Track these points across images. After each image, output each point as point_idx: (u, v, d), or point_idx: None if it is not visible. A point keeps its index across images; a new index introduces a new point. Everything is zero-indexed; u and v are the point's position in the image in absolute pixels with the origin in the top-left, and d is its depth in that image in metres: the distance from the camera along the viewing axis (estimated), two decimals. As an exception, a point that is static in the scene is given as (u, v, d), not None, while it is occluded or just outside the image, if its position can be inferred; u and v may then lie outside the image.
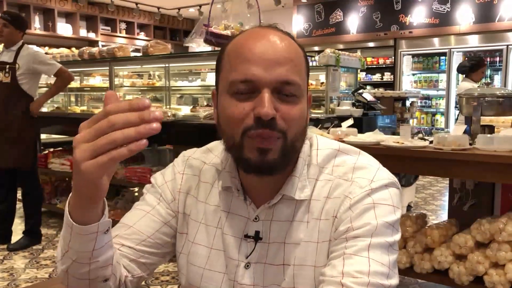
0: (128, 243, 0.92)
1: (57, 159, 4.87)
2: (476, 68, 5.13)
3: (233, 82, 0.82)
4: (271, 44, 0.82)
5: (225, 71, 0.85)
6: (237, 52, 0.83)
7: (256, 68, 0.80)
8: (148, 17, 10.86)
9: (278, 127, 0.80)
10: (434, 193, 6.09)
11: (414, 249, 2.56)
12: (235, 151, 0.84)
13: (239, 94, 0.81)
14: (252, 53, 0.81)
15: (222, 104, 0.85)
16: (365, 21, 8.91)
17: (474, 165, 2.31)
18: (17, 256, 3.71)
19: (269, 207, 0.88)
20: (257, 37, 0.84)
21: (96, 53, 4.74)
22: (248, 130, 0.80)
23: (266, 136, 0.80)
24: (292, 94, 0.82)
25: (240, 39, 0.86)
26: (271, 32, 0.85)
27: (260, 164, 0.81)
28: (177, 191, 0.97)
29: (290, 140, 0.82)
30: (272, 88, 0.80)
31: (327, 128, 2.99)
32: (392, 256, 0.80)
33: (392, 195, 0.84)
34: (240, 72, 0.81)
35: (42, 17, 9.12)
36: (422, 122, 8.62)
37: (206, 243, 0.93)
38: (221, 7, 4.24)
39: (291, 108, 0.82)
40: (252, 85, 0.80)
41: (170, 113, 3.84)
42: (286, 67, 0.81)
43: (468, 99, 2.79)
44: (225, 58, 0.86)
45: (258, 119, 0.79)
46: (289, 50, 0.83)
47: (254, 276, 0.88)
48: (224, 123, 0.85)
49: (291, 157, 0.86)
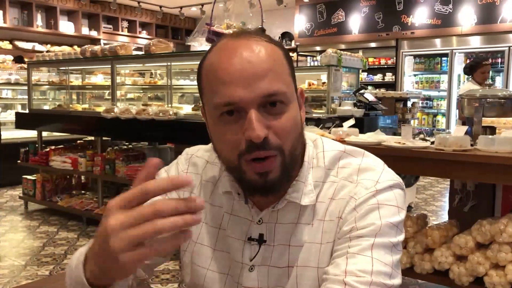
0: None
1: (58, 157, 4.88)
2: (475, 68, 5.10)
3: (217, 106, 0.79)
4: (247, 59, 0.78)
5: (207, 93, 0.83)
6: (214, 74, 0.80)
7: (237, 89, 0.77)
8: (150, 16, 10.86)
9: (273, 145, 0.78)
10: (435, 193, 6.08)
11: (415, 249, 2.57)
12: (236, 173, 0.83)
13: (226, 116, 0.79)
14: (228, 74, 0.78)
15: (212, 128, 0.84)
16: (367, 21, 8.90)
17: (475, 166, 2.31)
18: (17, 253, 3.71)
19: (272, 211, 0.88)
20: (230, 53, 0.79)
21: (98, 51, 4.75)
22: (243, 155, 0.78)
23: (263, 156, 0.78)
24: (280, 102, 0.79)
25: (214, 56, 0.82)
26: (244, 42, 0.80)
27: (263, 186, 0.81)
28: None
29: (288, 153, 0.81)
30: (257, 105, 0.77)
31: (328, 128, 2.99)
32: (396, 256, 0.80)
33: (396, 196, 0.84)
34: (221, 95, 0.78)
35: (44, 15, 9.12)
36: (423, 123, 8.61)
37: (210, 243, 0.93)
38: (223, 6, 4.24)
39: (282, 121, 0.79)
40: (236, 106, 0.78)
41: (172, 112, 3.84)
42: (266, 79, 0.78)
43: (469, 100, 2.79)
44: (203, 77, 0.84)
45: (251, 143, 0.77)
46: (266, 59, 0.79)
47: (258, 279, 0.88)
48: (218, 147, 0.84)
49: (293, 166, 0.85)
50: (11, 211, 5.13)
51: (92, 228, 4.44)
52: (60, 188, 5.09)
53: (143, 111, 3.99)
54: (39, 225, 4.58)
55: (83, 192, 5.09)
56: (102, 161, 4.47)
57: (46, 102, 6.65)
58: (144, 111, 3.97)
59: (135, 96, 6.18)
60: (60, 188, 5.09)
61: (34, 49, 8.57)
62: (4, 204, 5.48)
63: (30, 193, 5.10)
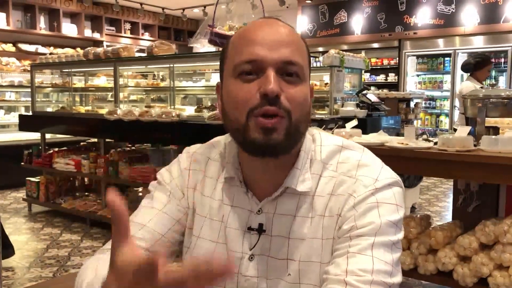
0: (143, 243, 0.90)
1: (61, 159, 4.89)
2: (481, 66, 4.83)
3: (238, 64, 0.84)
4: (275, 28, 0.86)
5: (230, 57, 0.87)
6: (242, 37, 0.86)
7: (260, 48, 0.83)
8: (153, 18, 10.88)
9: (283, 106, 0.81)
10: (438, 194, 6.07)
11: (418, 250, 2.56)
12: (240, 133, 0.84)
13: (244, 75, 0.83)
14: (256, 35, 0.84)
15: (227, 88, 0.86)
16: (370, 22, 8.89)
17: (479, 166, 2.30)
18: (21, 255, 3.72)
19: (272, 200, 0.89)
20: (261, 23, 0.87)
21: (101, 53, 4.76)
22: (254, 110, 0.81)
23: (272, 113, 0.81)
24: (295, 74, 0.83)
25: (244, 28, 0.90)
26: (275, 20, 0.89)
27: (265, 144, 0.82)
28: (185, 187, 0.98)
29: (295, 120, 0.83)
30: (277, 68, 0.82)
31: (331, 129, 2.99)
32: (396, 254, 0.81)
33: (395, 194, 0.85)
34: (245, 53, 0.83)
35: (47, 17, 9.15)
36: (426, 123, 8.60)
37: (211, 237, 0.93)
38: (225, 8, 4.25)
39: (295, 89, 0.83)
40: (257, 64, 0.82)
41: (175, 114, 3.84)
42: (289, 48, 0.84)
43: (473, 101, 2.78)
44: (230, 46, 0.89)
45: (264, 96, 0.80)
46: (292, 34, 0.87)
47: (258, 268, 0.89)
48: (229, 107, 0.86)
49: (296, 139, 0.86)
50: (14, 213, 5.14)
51: (95, 230, 4.45)
52: (64, 190, 5.10)
53: (146, 113, 3.99)
54: (42, 227, 4.59)
55: (87, 194, 5.10)
56: (105, 163, 4.48)
57: (49, 104, 6.68)
58: (147, 113, 3.98)
59: (138, 98, 6.20)
60: (64, 190, 5.10)
61: (37, 52, 8.60)
62: (7, 206, 5.49)
63: (33, 195, 5.11)
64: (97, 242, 4.10)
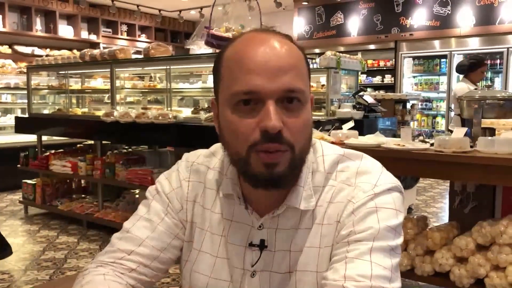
0: (144, 260, 0.90)
1: (58, 161, 4.88)
2: (475, 67, 4.87)
3: (236, 93, 0.79)
4: (273, 51, 0.79)
5: (226, 80, 0.82)
6: (238, 61, 0.80)
7: (259, 78, 0.77)
8: (149, 19, 10.87)
9: (285, 140, 0.78)
10: (435, 195, 6.08)
11: (415, 251, 2.56)
12: (241, 166, 0.82)
13: (242, 105, 0.79)
14: (254, 63, 0.78)
15: (224, 118, 0.82)
16: (366, 23, 8.91)
17: (475, 167, 2.31)
18: (17, 258, 3.71)
19: (273, 217, 0.87)
20: (257, 43, 0.80)
21: (97, 55, 4.75)
22: (255, 145, 0.78)
23: (273, 150, 0.78)
24: (297, 99, 0.79)
25: (239, 45, 0.82)
26: (271, 37, 0.82)
27: (268, 178, 0.79)
28: (184, 199, 0.95)
29: (298, 152, 0.80)
30: (276, 98, 0.78)
31: (328, 130, 2.99)
32: (395, 259, 0.80)
33: (394, 199, 0.84)
34: (242, 83, 0.78)
35: (43, 19, 9.13)
36: (422, 125, 8.62)
37: (212, 251, 0.92)
38: (222, 10, 4.25)
39: (297, 119, 0.79)
40: (256, 96, 0.78)
41: (171, 115, 3.84)
42: (289, 74, 0.79)
43: (469, 102, 2.79)
44: (224, 65, 0.83)
45: (265, 133, 0.77)
46: (291, 56, 0.81)
47: (260, 285, 0.88)
48: (228, 138, 0.83)
49: (300, 168, 0.84)
50: (11, 216, 5.12)
51: (92, 232, 4.44)
52: (60, 192, 5.08)
53: (142, 115, 3.99)
54: (39, 230, 4.57)
55: (83, 196, 5.08)
56: (102, 165, 4.47)
57: (45, 106, 6.65)
58: (144, 115, 3.98)
59: (135, 99, 6.18)
60: (60, 192, 5.08)
61: (33, 53, 8.58)
62: (4, 208, 5.47)
63: (30, 197, 5.10)
64: (94, 244, 4.09)
